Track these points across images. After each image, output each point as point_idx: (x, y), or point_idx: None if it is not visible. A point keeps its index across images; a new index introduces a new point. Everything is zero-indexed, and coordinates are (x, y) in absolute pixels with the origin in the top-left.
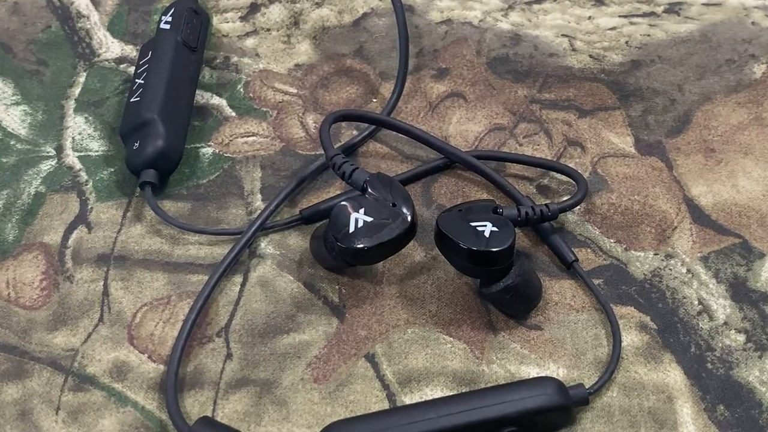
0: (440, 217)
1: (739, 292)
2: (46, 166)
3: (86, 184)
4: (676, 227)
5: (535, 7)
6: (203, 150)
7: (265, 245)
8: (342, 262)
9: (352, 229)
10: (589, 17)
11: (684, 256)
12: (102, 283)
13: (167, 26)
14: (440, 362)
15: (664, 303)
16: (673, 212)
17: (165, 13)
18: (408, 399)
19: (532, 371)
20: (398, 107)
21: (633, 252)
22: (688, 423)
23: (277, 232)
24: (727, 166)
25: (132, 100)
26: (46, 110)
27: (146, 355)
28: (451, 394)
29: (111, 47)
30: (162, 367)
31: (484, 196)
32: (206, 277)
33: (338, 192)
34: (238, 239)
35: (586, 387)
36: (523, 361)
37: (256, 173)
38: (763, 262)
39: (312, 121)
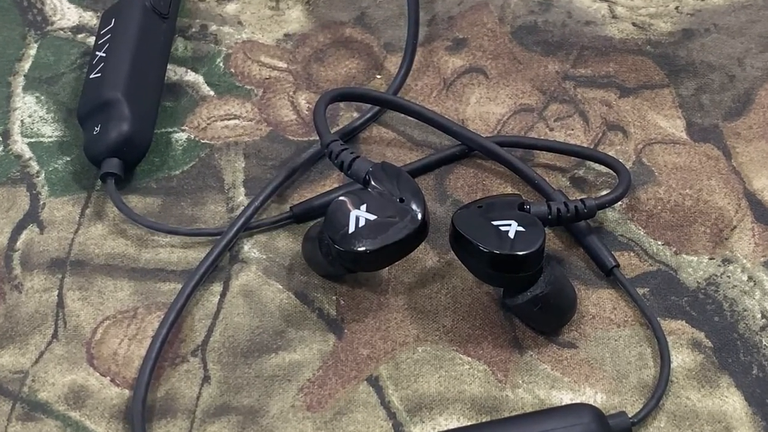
0: (456, 214)
1: None
2: None
3: (38, 176)
4: (735, 227)
5: None
6: (176, 135)
7: (250, 248)
8: (340, 268)
9: (352, 229)
10: None
11: (745, 261)
12: (56, 292)
13: None
14: (456, 386)
15: (721, 316)
16: (731, 209)
17: None
18: (418, 430)
19: (564, 397)
20: (406, 85)
21: (684, 256)
22: None
23: (263, 232)
24: None
25: (92, 76)
26: None
27: (108, 377)
28: (469, 424)
29: (67, 14)
30: (127, 392)
31: (509, 189)
32: (179, 286)
33: (336, 185)
34: (218, 241)
35: (629, 416)
36: (554, 385)
37: (238, 163)
38: None
39: (305, 101)
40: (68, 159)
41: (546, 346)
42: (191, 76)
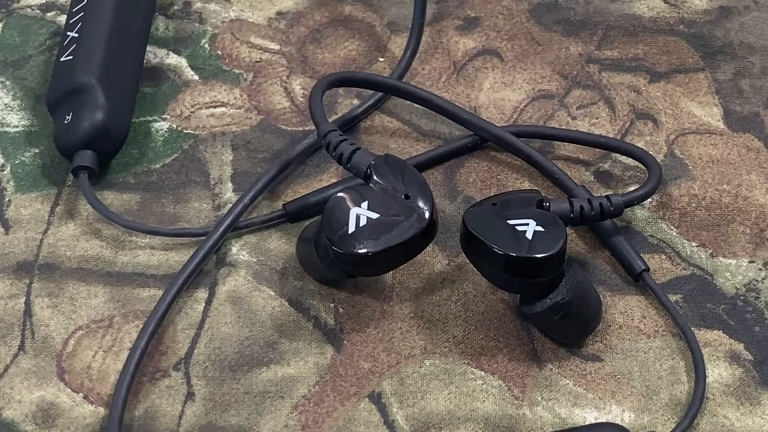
0: (468, 212)
1: None
2: None
3: (2, 170)
4: None
5: None
6: (156, 125)
7: (238, 250)
8: (339, 272)
9: (351, 228)
10: None
11: None
12: (23, 299)
13: None
14: (468, 404)
15: (762, 326)
16: None
17: None
18: None
19: (588, 416)
20: (412, 68)
21: (721, 259)
22: None
23: (253, 232)
24: None
25: (63, 59)
26: None
27: (81, 394)
28: None
29: None
30: (102, 410)
31: (526, 185)
32: (160, 292)
33: (334, 180)
34: (203, 242)
35: None
36: (576, 402)
37: (225, 155)
38: None
39: (299, 86)
40: (36, 151)
41: (568, 359)
42: (173, 59)
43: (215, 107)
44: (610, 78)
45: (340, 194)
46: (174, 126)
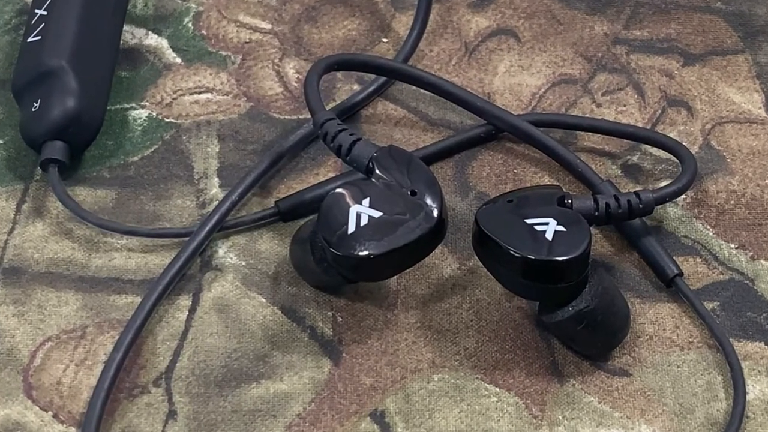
0: (481, 210)
1: None
2: None
3: None
4: None
5: None
6: (134, 113)
7: (225, 252)
8: (337, 277)
9: (351, 228)
10: None
11: None
12: None
13: None
14: (481, 423)
15: None
16: None
17: None
18: None
19: None
20: (419, 50)
21: (763, 262)
22: None
23: (242, 232)
24: None
25: (30, 39)
26: None
27: (51, 412)
28: None
29: None
30: (74, 430)
31: (546, 180)
32: (138, 299)
33: (332, 174)
34: (186, 243)
35: None
36: (602, 421)
37: (211, 147)
38: None
39: (293, 70)
40: (1, 142)
41: (592, 374)
42: (153, 40)
43: (200, 93)
44: (639, 61)
45: (338, 190)
46: (154, 114)
